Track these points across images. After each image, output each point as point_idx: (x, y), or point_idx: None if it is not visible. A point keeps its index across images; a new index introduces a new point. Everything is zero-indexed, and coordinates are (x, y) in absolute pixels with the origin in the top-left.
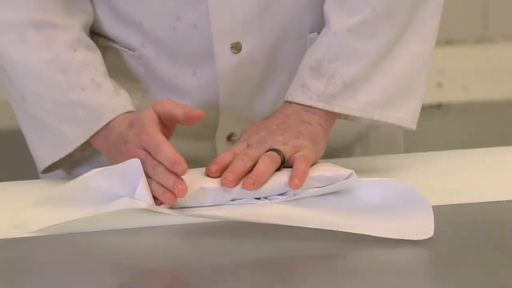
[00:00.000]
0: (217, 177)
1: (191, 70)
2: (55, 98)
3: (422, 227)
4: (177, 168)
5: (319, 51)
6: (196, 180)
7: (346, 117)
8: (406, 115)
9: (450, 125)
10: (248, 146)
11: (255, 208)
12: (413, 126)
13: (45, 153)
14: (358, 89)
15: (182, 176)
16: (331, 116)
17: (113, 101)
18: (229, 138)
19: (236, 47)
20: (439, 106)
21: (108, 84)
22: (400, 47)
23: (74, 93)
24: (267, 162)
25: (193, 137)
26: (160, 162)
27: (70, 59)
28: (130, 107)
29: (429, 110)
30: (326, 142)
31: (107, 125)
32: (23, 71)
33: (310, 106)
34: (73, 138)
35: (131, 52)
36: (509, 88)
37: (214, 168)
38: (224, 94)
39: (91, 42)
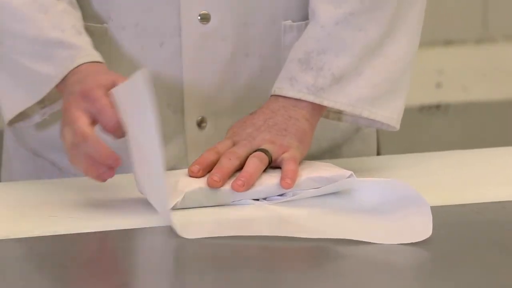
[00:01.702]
0: (200, 177)
1: (158, 41)
2: (33, 36)
3: (420, 228)
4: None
5: (308, 44)
6: (184, 180)
7: (327, 115)
8: (392, 114)
9: (450, 125)
10: (234, 144)
11: (260, 212)
12: (398, 126)
13: (17, 99)
14: (347, 83)
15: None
16: (318, 111)
17: (91, 49)
18: (200, 125)
19: (205, 18)
20: (438, 106)
21: (87, 36)
22: (388, 45)
23: (54, 32)
24: (255, 163)
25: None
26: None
27: (53, 4)
28: (103, 61)
29: (429, 110)
30: (312, 139)
31: (76, 67)
32: (5, 12)
33: (298, 100)
34: (52, 76)
35: (98, 25)
36: (509, 88)
37: (196, 168)
38: (188, 68)
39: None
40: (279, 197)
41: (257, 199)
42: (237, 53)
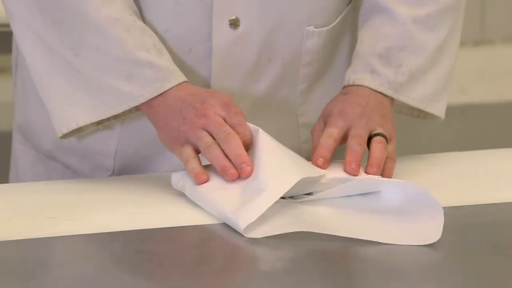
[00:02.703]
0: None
1: (186, 47)
2: (118, 55)
3: (430, 231)
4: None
5: (389, 40)
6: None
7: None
8: (443, 107)
9: (448, 127)
10: (347, 124)
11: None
12: (443, 116)
13: (82, 112)
14: (417, 80)
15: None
16: (392, 104)
17: (176, 68)
18: None
19: (234, 23)
20: None
21: (167, 53)
22: (447, 44)
23: (140, 53)
24: (382, 148)
25: None
26: (232, 135)
27: (132, 21)
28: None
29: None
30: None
31: (167, 90)
32: (85, 24)
33: (380, 92)
34: (135, 95)
35: None
36: (507, 90)
37: (321, 161)
38: (216, 73)
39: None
40: (306, 195)
41: (283, 197)
42: (261, 58)
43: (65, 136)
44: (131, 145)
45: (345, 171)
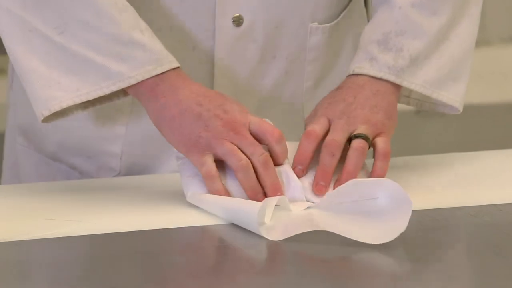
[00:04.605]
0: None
1: (190, 45)
2: (110, 33)
3: (396, 226)
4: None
5: (386, 25)
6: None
7: (398, 98)
8: (456, 96)
9: (446, 128)
10: (329, 122)
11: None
12: (461, 109)
13: (66, 93)
14: (421, 65)
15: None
16: (397, 91)
17: (169, 53)
18: None
19: (238, 21)
20: None
21: (158, 40)
22: (452, 29)
23: (135, 33)
24: (357, 159)
25: None
26: (269, 160)
27: (126, 4)
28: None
29: (425, 113)
30: (397, 113)
31: (164, 73)
32: (82, 3)
33: (379, 79)
34: (126, 76)
35: None
36: (506, 91)
37: (299, 170)
38: (220, 70)
39: None
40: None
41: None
42: (265, 55)
43: (47, 119)
44: (137, 146)
45: (312, 190)
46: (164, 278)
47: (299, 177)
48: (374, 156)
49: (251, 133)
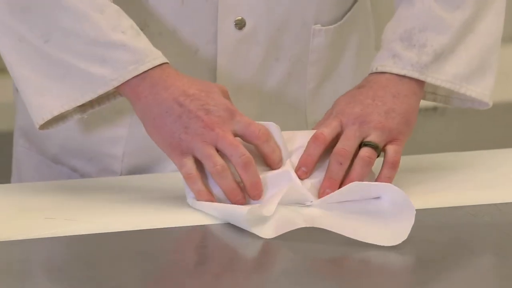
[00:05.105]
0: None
1: (193, 48)
2: (91, 37)
3: (398, 233)
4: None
5: (408, 22)
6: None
7: (424, 95)
8: (484, 90)
9: (447, 127)
10: (341, 126)
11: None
12: (491, 103)
13: (55, 100)
14: (445, 60)
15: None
16: (421, 88)
17: (154, 49)
18: None
19: (240, 24)
20: (435, 108)
21: (144, 36)
22: (477, 22)
23: (115, 34)
24: (362, 171)
25: None
26: (249, 160)
27: (106, 3)
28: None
29: (426, 113)
30: (417, 116)
31: (146, 71)
32: (56, 6)
33: (403, 76)
34: (108, 79)
35: None
36: (506, 91)
37: (302, 171)
38: (222, 73)
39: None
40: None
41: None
42: (268, 58)
43: (44, 127)
44: (139, 148)
45: (318, 195)
46: (164, 278)
47: (302, 178)
48: (382, 163)
49: (236, 134)
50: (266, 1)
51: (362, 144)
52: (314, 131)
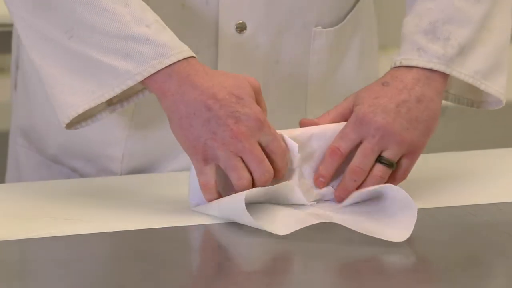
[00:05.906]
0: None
1: (193, 51)
2: (115, 31)
3: (401, 231)
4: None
5: (432, 14)
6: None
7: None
8: (500, 88)
9: (446, 127)
10: (360, 139)
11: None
12: (504, 102)
13: (80, 98)
14: (467, 55)
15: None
16: (445, 83)
17: (179, 43)
18: None
19: (241, 28)
20: None
21: (170, 30)
22: (492, 18)
23: (139, 28)
24: (373, 186)
25: None
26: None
27: None
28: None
29: None
30: (438, 121)
31: (171, 65)
32: (79, 1)
33: (430, 70)
34: (132, 74)
35: None
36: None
37: (320, 182)
38: None
39: None
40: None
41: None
42: (268, 60)
43: (71, 126)
44: (139, 149)
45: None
46: (164, 278)
47: (320, 187)
48: (392, 172)
49: (261, 145)
50: (266, 4)
51: (377, 160)
52: (329, 125)
